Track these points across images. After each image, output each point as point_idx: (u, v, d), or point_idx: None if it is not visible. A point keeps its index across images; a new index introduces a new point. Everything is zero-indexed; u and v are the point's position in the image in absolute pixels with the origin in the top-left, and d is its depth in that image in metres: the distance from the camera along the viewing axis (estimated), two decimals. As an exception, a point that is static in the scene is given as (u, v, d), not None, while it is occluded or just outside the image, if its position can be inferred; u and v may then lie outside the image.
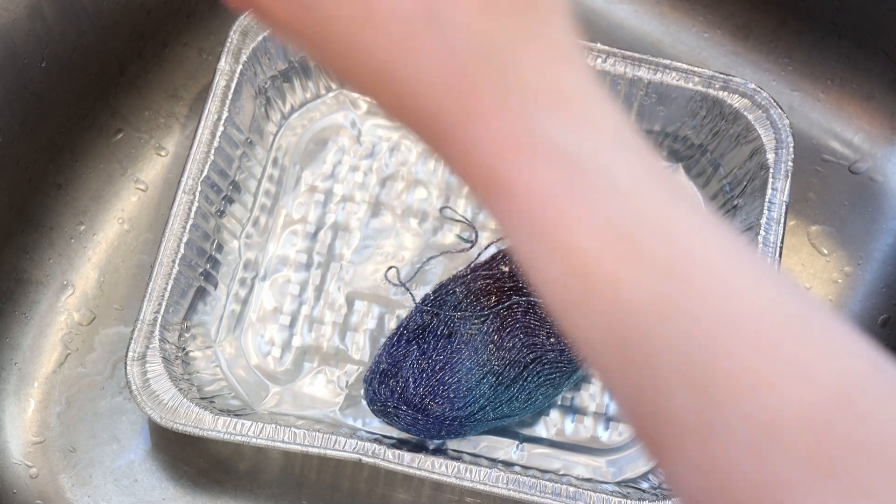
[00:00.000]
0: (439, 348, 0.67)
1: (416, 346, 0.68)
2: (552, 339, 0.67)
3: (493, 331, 0.67)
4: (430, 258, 0.76)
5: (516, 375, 0.67)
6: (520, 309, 0.68)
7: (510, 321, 0.67)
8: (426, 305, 0.69)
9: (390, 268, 0.75)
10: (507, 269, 0.70)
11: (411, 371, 0.66)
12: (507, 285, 0.69)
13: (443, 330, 0.68)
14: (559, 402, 0.72)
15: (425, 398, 0.66)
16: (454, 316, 0.68)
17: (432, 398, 0.66)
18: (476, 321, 0.68)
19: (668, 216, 0.30)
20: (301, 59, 0.78)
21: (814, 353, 0.28)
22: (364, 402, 0.71)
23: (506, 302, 0.68)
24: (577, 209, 0.29)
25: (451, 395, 0.66)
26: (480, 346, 0.67)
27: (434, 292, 0.70)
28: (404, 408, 0.66)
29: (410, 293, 0.74)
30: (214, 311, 0.73)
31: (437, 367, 0.66)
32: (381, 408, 0.67)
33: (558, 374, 0.68)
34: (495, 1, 0.30)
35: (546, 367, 0.67)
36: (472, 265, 0.72)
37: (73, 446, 0.72)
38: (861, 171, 0.81)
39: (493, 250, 0.73)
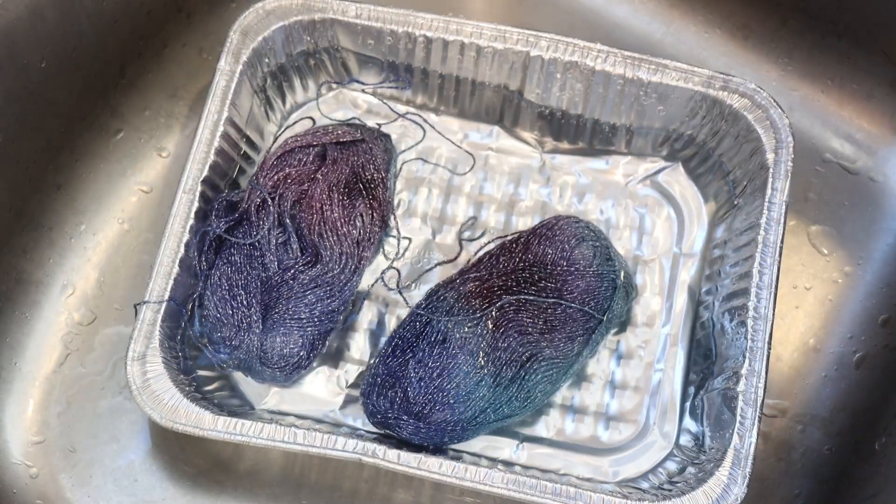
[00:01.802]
0: (435, 355, 0.67)
1: (411, 355, 0.67)
2: (546, 336, 0.67)
3: (486, 332, 0.67)
4: (434, 265, 0.76)
5: (514, 375, 0.67)
6: (511, 308, 0.68)
7: (503, 321, 0.67)
8: (418, 311, 0.69)
9: (389, 268, 0.75)
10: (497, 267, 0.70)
11: (409, 380, 0.66)
12: (497, 285, 0.69)
13: (437, 336, 0.68)
14: (559, 402, 0.72)
15: (425, 406, 0.66)
16: (447, 321, 0.68)
17: (432, 406, 0.66)
18: (469, 324, 0.67)
19: None
20: (301, 57, 0.78)
21: None
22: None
23: (497, 302, 0.68)
24: None
25: (451, 401, 0.66)
26: (476, 349, 0.67)
27: (425, 299, 0.70)
28: (405, 418, 0.66)
29: (404, 298, 0.74)
30: (214, 311, 0.73)
31: (435, 375, 0.66)
32: (381, 420, 0.67)
33: (555, 370, 0.68)
34: None
35: (543, 364, 0.67)
36: (461, 269, 0.72)
37: (74, 446, 0.72)
38: (861, 172, 0.81)
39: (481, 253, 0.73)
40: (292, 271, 0.70)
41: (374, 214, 0.74)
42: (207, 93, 0.72)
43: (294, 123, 0.80)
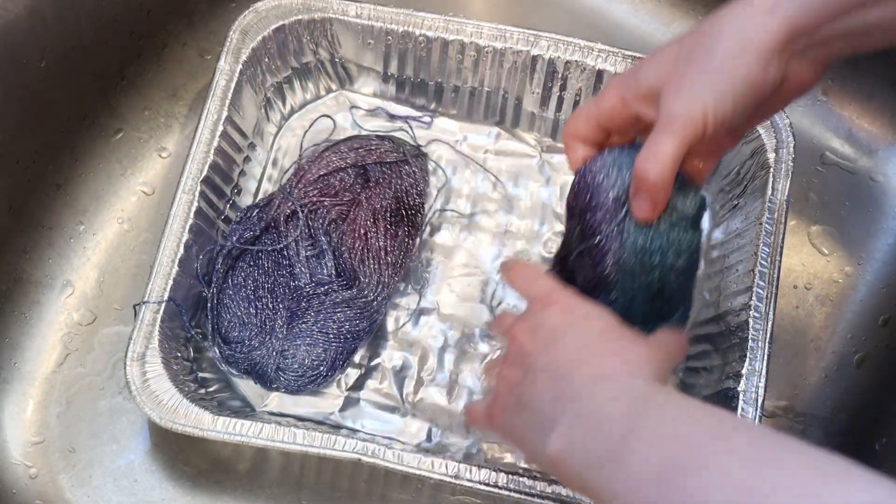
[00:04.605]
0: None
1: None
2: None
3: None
4: (433, 266, 0.76)
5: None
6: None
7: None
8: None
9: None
10: None
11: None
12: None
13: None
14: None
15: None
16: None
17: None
18: None
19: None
20: (302, 59, 0.78)
21: None
22: (364, 403, 0.71)
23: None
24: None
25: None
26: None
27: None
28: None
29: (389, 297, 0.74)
30: (214, 311, 0.73)
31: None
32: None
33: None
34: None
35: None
36: None
37: (73, 446, 0.71)
38: (861, 171, 0.81)
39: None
40: (325, 287, 0.70)
41: (411, 241, 0.74)
42: (207, 93, 0.72)
43: (314, 122, 0.79)
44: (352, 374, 0.72)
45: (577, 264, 0.56)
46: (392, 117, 0.80)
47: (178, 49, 0.82)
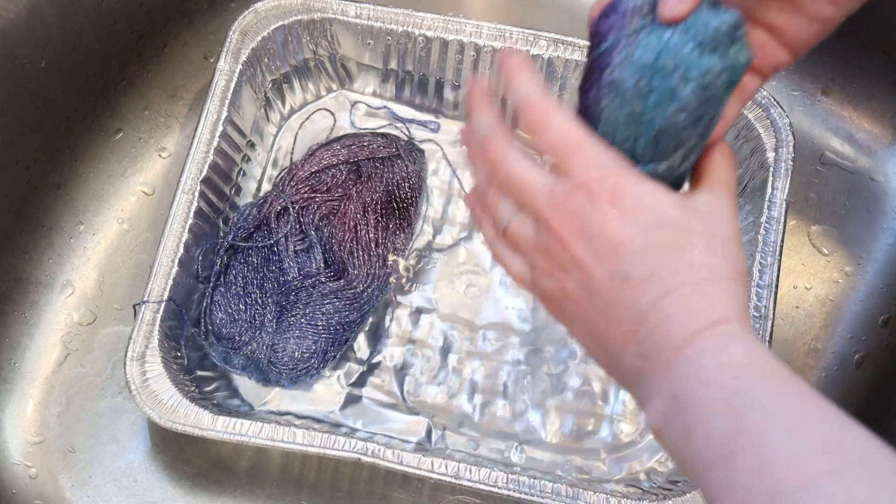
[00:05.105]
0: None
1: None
2: None
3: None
4: (434, 266, 0.76)
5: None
6: None
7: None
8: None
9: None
10: None
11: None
12: None
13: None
14: (559, 402, 0.71)
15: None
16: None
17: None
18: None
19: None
20: (301, 59, 0.78)
21: None
22: (365, 401, 0.71)
23: None
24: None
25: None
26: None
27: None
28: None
29: (397, 297, 0.74)
30: (214, 311, 0.73)
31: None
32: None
33: None
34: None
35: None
36: None
37: (73, 446, 0.72)
38: (861, 172, 0.81)
39: None
40: (313, 280, 0.71)
41: (404, 234, 0.74)
42: (207, 93, 0.73)
43: (310, 115, 0.80)
44: (352, 371, 0.72)
45: (583, 87, 0.47)
46: (398, 120, 0.80)
47: (178, 49, 0.82)
